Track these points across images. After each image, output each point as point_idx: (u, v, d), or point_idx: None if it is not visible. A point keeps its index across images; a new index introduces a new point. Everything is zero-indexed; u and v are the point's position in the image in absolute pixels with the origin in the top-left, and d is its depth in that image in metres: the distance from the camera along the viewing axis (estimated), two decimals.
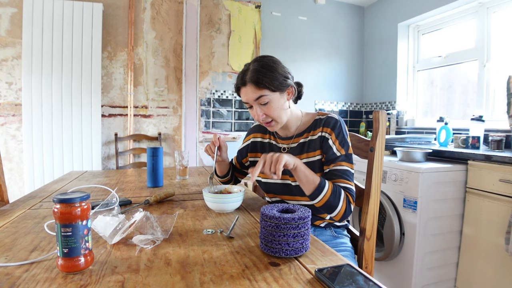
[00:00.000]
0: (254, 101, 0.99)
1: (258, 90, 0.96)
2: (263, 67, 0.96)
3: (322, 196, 0.91)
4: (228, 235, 0.75)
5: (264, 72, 0.96)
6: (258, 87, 0.96)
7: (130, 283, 0.53)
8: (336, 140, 1.00)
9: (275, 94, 0.98)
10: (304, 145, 1.06)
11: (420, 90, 3.12)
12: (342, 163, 0.98)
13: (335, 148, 0.99)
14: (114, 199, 0.83)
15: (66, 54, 2.49)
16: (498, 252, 1.61)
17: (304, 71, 3.37)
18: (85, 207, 0.58)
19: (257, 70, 0.96)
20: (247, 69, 0.99)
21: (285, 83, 0.99)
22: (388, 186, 1.94)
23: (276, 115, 1.00)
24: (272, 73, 0.96)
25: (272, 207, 0.71)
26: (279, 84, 0.97)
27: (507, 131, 2.05)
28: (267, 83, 0.95)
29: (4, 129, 2.49)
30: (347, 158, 0.99)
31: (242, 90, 1.00)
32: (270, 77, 0.96)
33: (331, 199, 0.91)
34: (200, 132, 3.02)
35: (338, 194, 0.92)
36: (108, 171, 1.81)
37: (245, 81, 0.98)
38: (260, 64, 0.97)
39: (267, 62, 0.98)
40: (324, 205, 0.92)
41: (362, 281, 0.54)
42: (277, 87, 0.97)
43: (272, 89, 0.96)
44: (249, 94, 0.98)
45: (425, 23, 2.99)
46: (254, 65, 0.98)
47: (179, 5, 2.90)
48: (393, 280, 1.92)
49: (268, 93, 0.97)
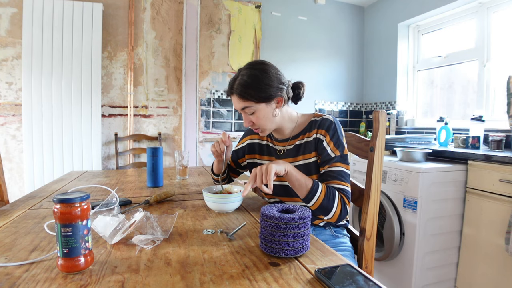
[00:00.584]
0: (241, 110, 1.03)
1: (242, 101, 0.99)
2: (250, 78, 0.97)
3: (316, 199, 0.91)
4: (230, 236, 0.75)
5: (249, 84, 0.97)
6: (242, 99, 0.99)
7: (130, 283, 0.53)
8: (331, 141, 1.00)
9: (261, 105, 1.00)
10: (300, 147, 1.06)
11: (420, 90, 3.12)
12: (337, 164, 0.98)
13: (329, 149, 0.99)
14: (114, 199, 0.83)
15: (66, 54, 2.49)
16: (498, 252, 1.61)
17: (304, 71, 3.37)
18: (85, 207, 0.58)
19: (243, 83, 0.98)
20: (237, 77, 1.01)
21: (272, 94, 0.99)
22: (388, 186, 1.94)
23: (261, 124, 1.03)
24: (258, 85, 0.97)
25: (272, 207, 0.71)
26: (264, 96, 0.98)
27: (507, 131, 2.05)
28: (250, 96, 0.97)
29: (4, 129, 2.49)
30: (342, 159, 0.99)
31: (232, 97, 1.04)
32: (255, 89, 0.97)
33: (324, 202, 0.91)
34: (200, 132, 3.02)
35: (332, 196, 0.92)
36: (108, 171, 1.81)
37: (232, 91, 1.01)
38: (248, 75, 0.98)
39: (255, 74, 0.98)
40: (319, 208, 0.92)
41: (362, 281, 0.54)
42: (262, 99, 0.98)
43: (257, 100, 0.98)
44: (235, 104, 1.03)
45: (425, 23, 2.99)
46: (243, 74, 0.99)
47: (179, 5, 2.90)
48: (393, 280, 1.92)
49: (252, 104, 0.99)
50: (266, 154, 1.16)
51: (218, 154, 1.12)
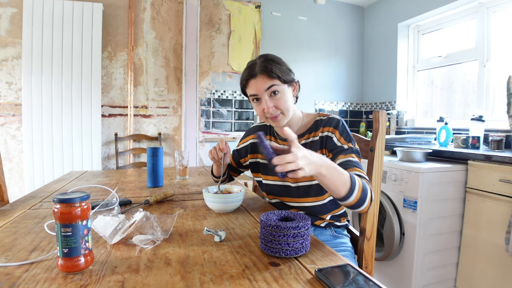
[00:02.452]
0: (265, 91, 0.97)
1: (269, 79, 0.96)
2: (272, 59, 0.99)
3: (354, 197, 0.80)
4: (220, 240, 0.73)
5: (274, 63, 0.98)
6: (269, 76, 0.96)
7: (130, 283, 0.53)
8: (341, 137, 0.99)
9: (285, 86, 1.00)
10: (305, 146, 1.04)
11: (420, 90, 3.12)
12: (352, 155, 0.95)
13: (340, 144, 0.98)
14: (114, 199, 0.83)
15: (66, 54, 2.49)
16: (498, 252, 1.61)
17: (304, 71, 3.37)
18: (85, 207, 0.58)
19: (268, 61, 0.98)
20: (255, 62, 1.00)
21: (292, 77, 1.02)
22: (388, 186, 1.94)
23: (285, 107, 0.99)
24: (281, 66, 0.99)
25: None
26: (287, 77, 0.99)
27: (507, 131, 2.05)
28: (278, 73, 0.97)
29: (4, 129, 2.49)
30: (356, 152, 0.97)
31: (252, 82, 0.98)
32: (279, 69, 0.98)
33: (362, 195, 0.81)
34: (200, 132, 3.02)
35: (366, 188, 0.83)
36: (108, 171, 1.81)
37: (255, 73, 0.97)
38: (268, 57, 1.00)
39: (274, 56, 1.01)
40: (356, 204, 0.82)
41: (362, 281, 0.54)
42: (286, 79, 0.99)
43: (283, 80, 0.98)
44: (260, 84, 0.97)
45: (425, 23, 2.99)
46: (262, 58, 1.00)
47: (179, 5, 2.90)
48: (393, 280, 1.92)
49: (279, 83, 0.98)
50: None
51: (216, 160, 1.12)
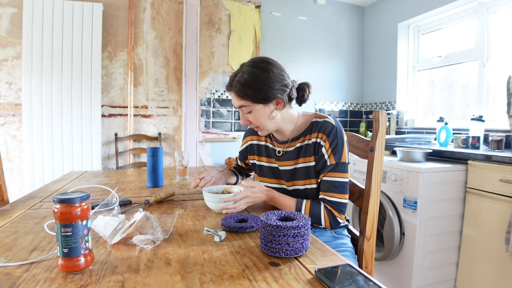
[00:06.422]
0: (238, 108, 1.02)
1: (239, 99, 0.98)
2: (249, 76, 0.95)
3: None
4: (220, 240, 0.74)
5: (248, 83, 0.94)
6: (239, 97, 0.97)
7: (130, 283, 0.53)
8: (329, 148, 0.98)
9: (258, 106, 0.97)
10: (300, 149, 1.04)
11: (420, 90, 3.12)
12: (331, 173, 0.98)
13: (326, 156, 0.98)
14: (114, 199, 0.83)
15: (66, 54, 2.49)
16: (498, 252, 1.61)
17: (304, 71, 3.37)
18: (85, 207, 0.58)
19: (242, 81, 0.95)
20: (237, 73, 0.99)
21: (270, 96, 0.96)
22: (388, 186, 1.94)
23: (259, 123, 1.01)
24: (257, 85, 0.94)
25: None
26: (262, 97, 0.95)
27: (507, 131, 2.05)
28: (247, 95, 0.95)
29: (4, 129, 2.49)
30: (337, 168, 0.98)
31: (230, 93, 1.01)
32: (254, 89, 0.94)
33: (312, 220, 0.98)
34: (200, 132, 3.02)
35: (317, 214, 0.98)
36: (108, 171, 1.81)
37: (231, 88, 0.99)
38: (248, 73, 0.95)
39: (255, 73, 0.95)
40: None
41: (362, 281, 0.54)
42: (259, 100, 0.96)
43: (254, 101, 0.96)
44: (233, 101, 1.01)
45: (425, 23, 2.99)
46: (243, 72, 0.97)
47: (179, 5, 2.90)
48: (393, 280, 1.92)
49: (249, 103, 0.97)
50: (265, 155, 1.14)
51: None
